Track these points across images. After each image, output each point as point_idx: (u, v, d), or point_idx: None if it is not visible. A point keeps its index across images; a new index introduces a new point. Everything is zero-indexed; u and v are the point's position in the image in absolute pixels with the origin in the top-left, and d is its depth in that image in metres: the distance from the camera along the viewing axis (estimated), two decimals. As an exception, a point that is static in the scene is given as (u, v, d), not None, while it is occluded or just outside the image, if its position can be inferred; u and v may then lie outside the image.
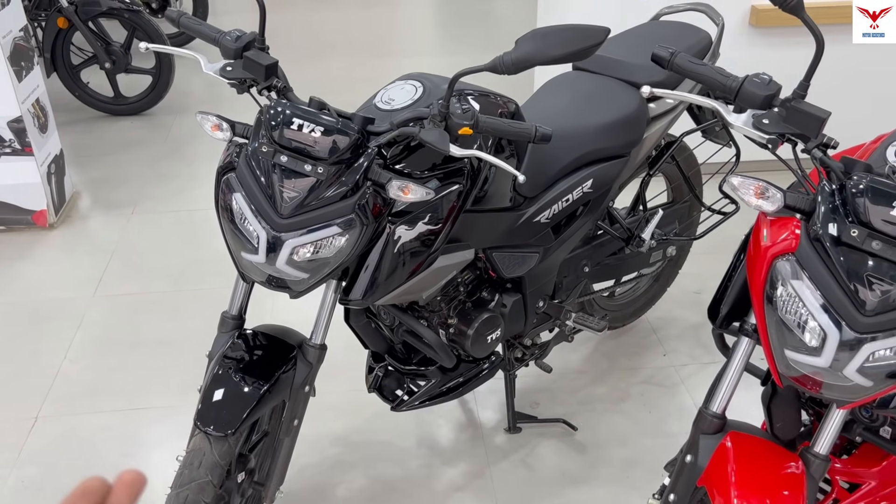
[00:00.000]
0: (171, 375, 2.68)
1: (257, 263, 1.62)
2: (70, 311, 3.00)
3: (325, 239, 1.59)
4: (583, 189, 2.14)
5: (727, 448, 1.47)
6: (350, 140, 1.57)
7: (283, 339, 1.82)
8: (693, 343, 2.82)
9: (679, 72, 1.52)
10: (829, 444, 1.47)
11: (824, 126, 1.36)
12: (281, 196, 1.57)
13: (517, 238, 2.05)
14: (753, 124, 1.39)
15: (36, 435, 2.46)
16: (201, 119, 1.66)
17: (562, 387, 2.62)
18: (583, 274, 2.36)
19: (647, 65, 2.28)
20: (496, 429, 2.47)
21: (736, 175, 1.38)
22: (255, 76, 1.68)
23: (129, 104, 4.60)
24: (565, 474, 2.31)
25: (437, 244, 1.76)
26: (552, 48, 1.53)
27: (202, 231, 3.59)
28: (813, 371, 1.33)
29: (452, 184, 1.75)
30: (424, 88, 1.81)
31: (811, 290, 1.29)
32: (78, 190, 3.81)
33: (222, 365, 1.72)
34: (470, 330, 2.04)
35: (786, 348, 1.34)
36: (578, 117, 2.17)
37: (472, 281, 2.12)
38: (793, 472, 1.44)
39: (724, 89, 1.45)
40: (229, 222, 1.64)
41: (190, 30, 1.77)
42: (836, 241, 1.28)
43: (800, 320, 1.31)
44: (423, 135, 1.60)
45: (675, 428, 2.48)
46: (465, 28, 6.14)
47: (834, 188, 1.32)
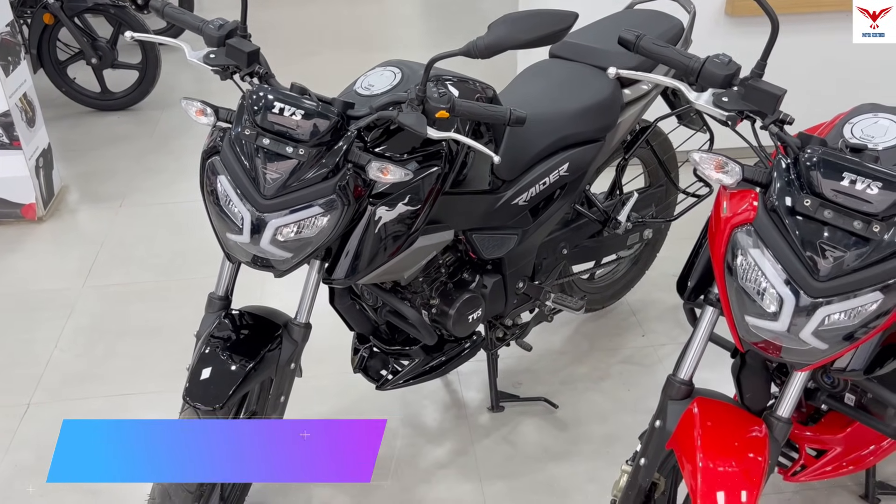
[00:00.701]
0: (159, 362, 2.74)
1: (242, 244, 1.68)
2: (60, 302, 3.04)
3: (307, 219, 1.65)
4: (559, 172, 2.20)
5: (693, 413, 1.54)
6: (330, 123, 1.62)
7: (268, 319, 1.87)
8: (671, 324, 2.89)
9: (644, 54, 1.58)
10: (790, 407, 1.54)
11: (780, 103, 1.43)
12: (264, 178, 1.62)
13: (496, 220, 2.11)
14: (714, 102, 1.46)
15: (28, 421, 2.51)
16: (186, 104, 1.72)
17: (543, 367, 2.69)
18: (561, 256, 2.43)
19: (621, 51, 2.36)
20: (479, 408, 2.54)
21: (698, 151, 1.45)
22: (238, 63, 1.73)
23: (115, 99, 4.64)
24: (547, 451, 2.38)
25: (416, 224, 1.83)
26: (523, 32, 1.59)
27: (189, 223, 3.64)
28: (772, 336, 1.40)
29: (431, 166, 1.81)
30: (403, 74, 1.87)
31: (768, 258, 1.36)
32: (66, 184, 3.85)
33: (209, 343, 1.78)
34: (451, 310, 2.10)
35: (746, 314, 1.41)
36: (554, 103, 2.24)
37: (454, 262, 2.19)
38: (756, 435, 1.51)
39: (686, 70, 1.52)
40: (214, 204, 1.70)
41: (173, 19, 1.83)
42: (791, 211, 1.35)
43: (758, 287, 1.38)
44: (401, 118, 1.66)
45: (653, 405, 2.49)
46: (451, 22, 6.19)
47: (789, 161, 1.38)
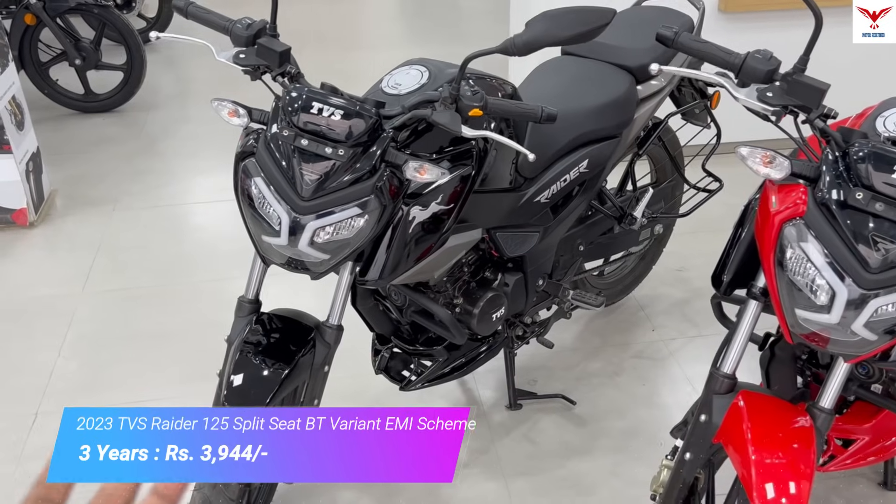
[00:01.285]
0: (168, 368, 2.69)
1: (279, 246, 1.66)
2: (59, 309, 2.98)
3: (345, 220, 1.63)
4: (579, 169, 2.21)
5: (740, 406, 1.55)
6: (369, 123, 1.61)
7: (299, 322, 1.85)
8: (679, 318, 2.91)
9: (682, 49, 1.59)
10: (833, 398, 1.56)
11: (824, 97, 1.45)
12: (302, 179, 1.60)
13: (519, 218, 2.11)
14: (758, 97, 1.47)
15: (37, 431, 2.45)
16: (217, 105, 1.69)
17: (557, 364, 2.70)
18: (578, 252, 2.43)
19: (634, 47, 2.38)
20: (496, 406, 2.53)
21: (744, 146, 1.46)
22: (269, 63, 1.71)
23: (100, 101, 4.55)
24: (568, 447, 2.38)
25: (448, 223, 1.82)
26: (562, 29, 1.59)
27: (185, 226, 3.59)
28: (822, 328, 1.42)
29: (462, 165, 1.80)
30: (430, 73, 1.86)
31: (819, 251, 1.37)
32: (55, 188, 3.76)
33: (244, 349, 1.75)
34: (475, 309, 2.10)
35: (796, 308, 1.42)
36: (572, 100, 2.24)
37: (476, 261, 2.18)
38: (802, 426, 1.52)
39: (726, 65, 1.53)
40: (249, 207, 1.67)
41: (199, 19, 1.79)
42: (842, 204, 1.36)
43: (809, 280, 1.39)
44: (435, 116, 1.65)
45: (668, 399, 2.57)
46: (433, 20, 6.18)
47: (837, 155, 1.40)
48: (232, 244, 3.37)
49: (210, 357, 2.70)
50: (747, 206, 1.77)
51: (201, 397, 2.55)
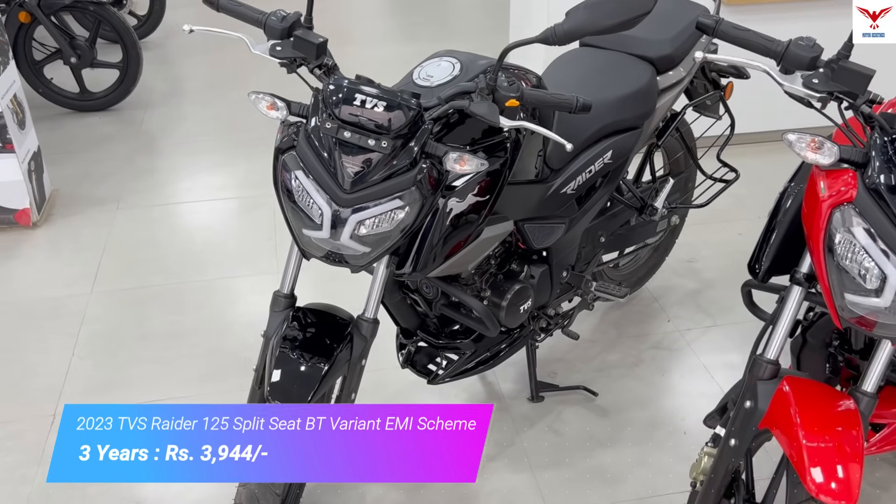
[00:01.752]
0: (186, 367, 2.67)
1: (320, 239, 1.64)
2: (70, 309, 2.94)
3: (387, 212, 1.62)
4: (603, 160, 2.21)
5: (785, 392, 1.56)
6: (411, 114, 1.60)
7: (335, 315, 1.84)
8: (693, 308, 2.93)
9: (723, 38, 1.59)
10: (877, 382, 1.57)
11: (869, 83, 1.46)
12: (343, 171, 1.59)
13: (546, 209, 2.11)
14: (804, 84, 1.48)
15: (56, 432, 2.41)
16: (255, 99, 1.67)
17: (576, 356, 2.70)
18: (599, 244, 2.44)
19: (654, 38, 2.38)
20: (518, 399, 2.53)
21: (791, 132, 1.47)
22: (306, 55, 1.69)
23: (96, 99, 4.50)
24: (592, 437, 2.39)
25: (484, 215, 1.81)
26: (603, 18, 1.59)
27: (192, 223, 3.56)
28: (870, 311, 1.43)
29: (495, 157, 1.80)
30: (461, 64, 1.86)
31: (871, 235, 1.38)
32: (56, 187, 3.71)
33: (283, 345, 1.74)
34: (503, 301, 2.10)
35: (846, 292, 1.44)
36: (594, 91, 2.23)
37: (502, 254, 2.18)
38: (848, 409, 1.54)
39: (769, 52, 1.53)
40: (289, 200, 1.66)
41: (230, 12, 1.77)
42: (893, 189, 1.37)
43: (859, 265, 1.40)
44: (473, 107, 1.65)
45: (689, 388, 2.59)
46: (423, 14, 6.17)
47: (886, 140, 1.41)
48: (238, 242, 3.36)
49: (225, 357, 2.70)
50: (783, 193, 1.78)
51: (220, 396, 2.55)
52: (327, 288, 2.41)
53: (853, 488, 1.45)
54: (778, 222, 1.74)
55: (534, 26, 3.51)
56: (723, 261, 3.14)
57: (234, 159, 4.00)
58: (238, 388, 2.43)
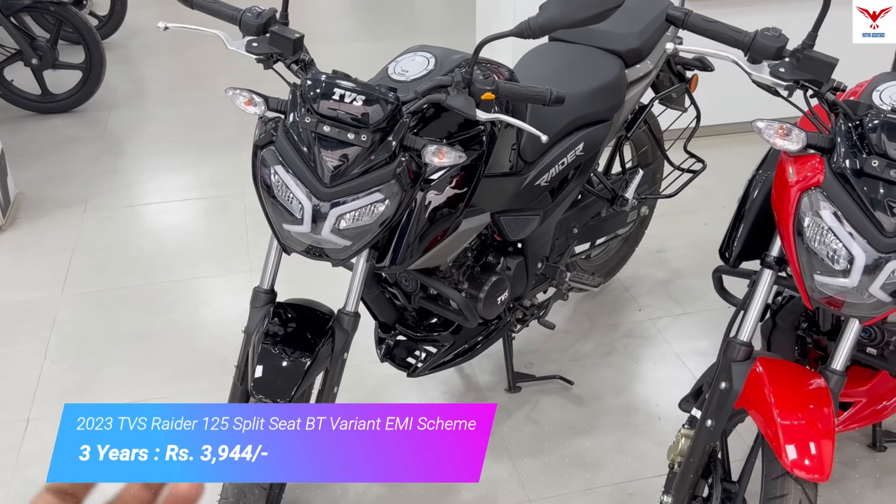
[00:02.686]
0: (160, 367, 2.65)
1: (300, 233, 1.65)
2: (40, 312, 2.90)
3: (367, 206, 1.63)
4: (575, 152, 2.25)
5: (759, 372, 1.61)
6: (390, 108, 1.62)
7: (315, 310, 1.85)
8: (664, 297, 2.98)
9: (693, 29, 1.63)
10: (845, 360, 1.63)
11: (833, 71, 1.51)
12: (323, 165, 1.60)
13: (521, 202, 2.14)
14: (771, 73, 1.53)
15: (31, 437, 2.39)
16: (232, 94, 1.67)
17: (551, 347, 2.74)
18: (572, 235, 2.48)
19: (622, 32, 2.42)
20: (495, 390, 2.56)
21: (759, 120, 1.51)
22: (283, 51, 1.70)
23: (58, 101, 4.43)
24: (570, 425, 2.43)
25: (461, 207, 1.84)
26: (576, 11, 1.62)
27: (161, 224, 3.53)
28: (839, 291, 1.48)
29: (471, 150, 1.83)
30: (436, 59, 1.88)
31: (838, 218, 1.44)
32: (21, 190, 3.66)
33: (265, 341, 1.74)
34: (481, 293, 2.12)
35: (815, 273, 1.49)
36: (565, 84, 2.26)
37: (478, 247, 2.20)
38: (819, 388, 1.59)
39: (736, 43, 1.58)
40: (269, 196, 1.66)
41: (205, 9, 1.77)
42: (858, 172, 1.43)
43: (828, 247, 1.45)
44: (449, 101, 1.67)
45: (661, 375, 2.64)
46: (388, 13, 6.17)
47: (850, 126, 1.46)
48: (209, 242, 3.35)
49: (199, 356, 2.69)
50: (751, 180, 1.83)
51: (194, 396, 2.53)
52: (303, 283, 2.41)
53: (826, 464, 1.50)
54: (747, 209, 1.79)
55: (501, 22, 3.54)
56: (690, 250, 3.20)
57: (202, 159, 3.98)
58: (214, 388, 2.44)
